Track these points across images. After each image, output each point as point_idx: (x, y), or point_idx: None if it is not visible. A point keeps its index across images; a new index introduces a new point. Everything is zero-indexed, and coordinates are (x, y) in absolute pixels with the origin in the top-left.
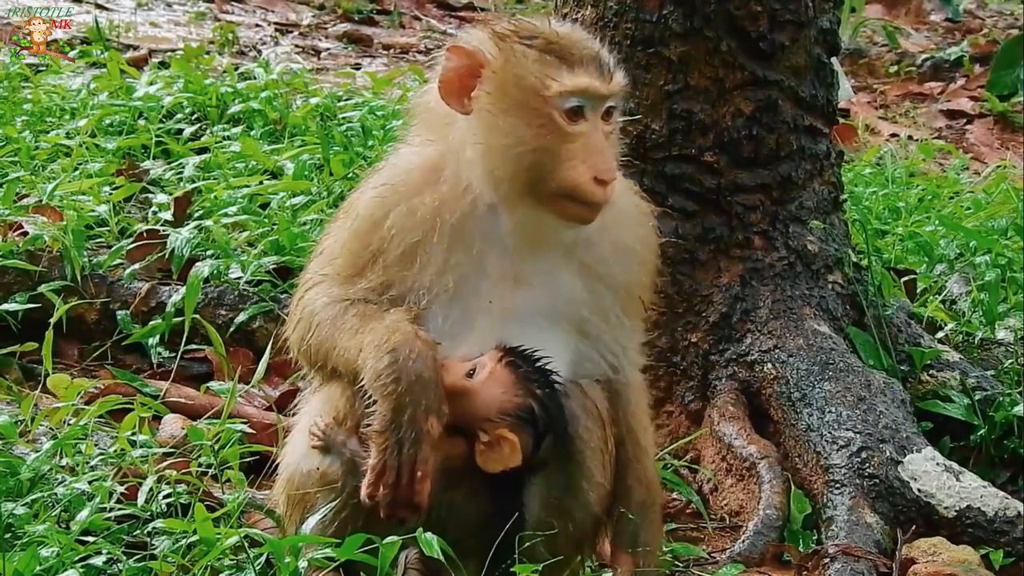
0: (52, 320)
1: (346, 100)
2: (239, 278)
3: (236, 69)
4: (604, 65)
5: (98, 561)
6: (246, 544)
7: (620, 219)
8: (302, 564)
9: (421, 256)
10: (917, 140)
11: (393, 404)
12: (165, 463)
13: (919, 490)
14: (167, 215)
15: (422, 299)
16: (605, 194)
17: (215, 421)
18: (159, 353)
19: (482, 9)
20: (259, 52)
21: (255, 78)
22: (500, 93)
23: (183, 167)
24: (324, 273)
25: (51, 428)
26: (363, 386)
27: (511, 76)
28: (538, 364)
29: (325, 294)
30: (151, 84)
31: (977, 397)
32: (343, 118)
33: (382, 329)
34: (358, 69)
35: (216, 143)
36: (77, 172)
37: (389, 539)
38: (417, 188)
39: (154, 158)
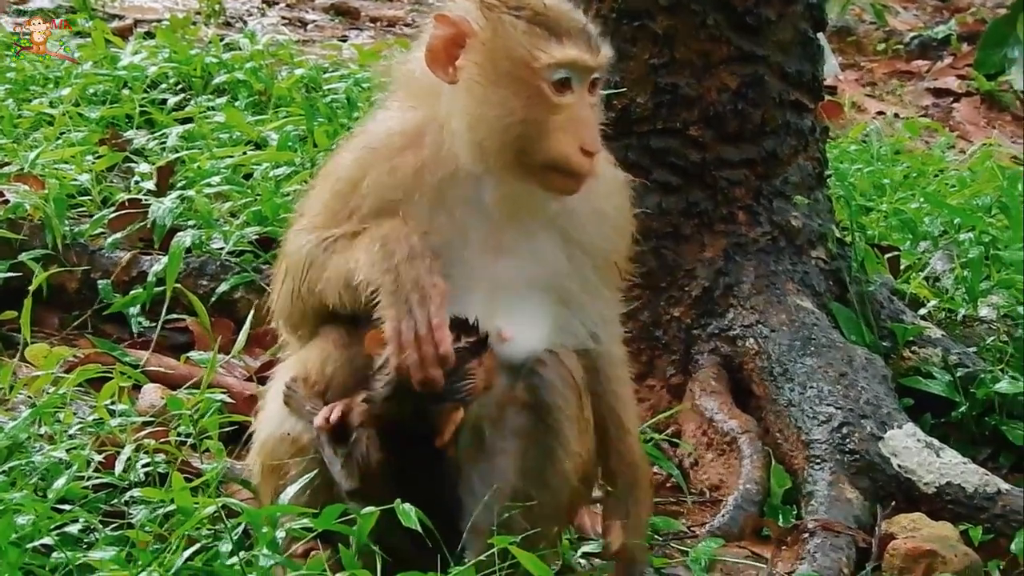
0: (32, 288)
1: (332, 72)
2: (221, 248)
3: (222, 40)
4: (592, 37)
5: (74, 529)
6: (223, 514)
7: (599, 188)
8: (280, 534)
9: (403, 214)
10: (903, 118)
11: (392, 277)
12: (144, 432)
13: (899, 466)
14: (150, 185)
15: None
16: (591, 165)
17: (195, 391)
18: (140, 323)
19: None
20: (245, 23)
21: (240, 49)
22: (487, 64)
23: (166, 137)
24: (300, 229)
25: (30, 396)
26: (359, 287)
27: (499, 47)
28: (476, 344)
29: (307, 239)
30: (136, 54)
31: (959, 374)
32: (328, 90)
33: (372, 231)
34: (344, 41)
35: (200, 113)
36: (60, 141)
37: (367, 509)
38: (398, 150)
39: (138, 128)
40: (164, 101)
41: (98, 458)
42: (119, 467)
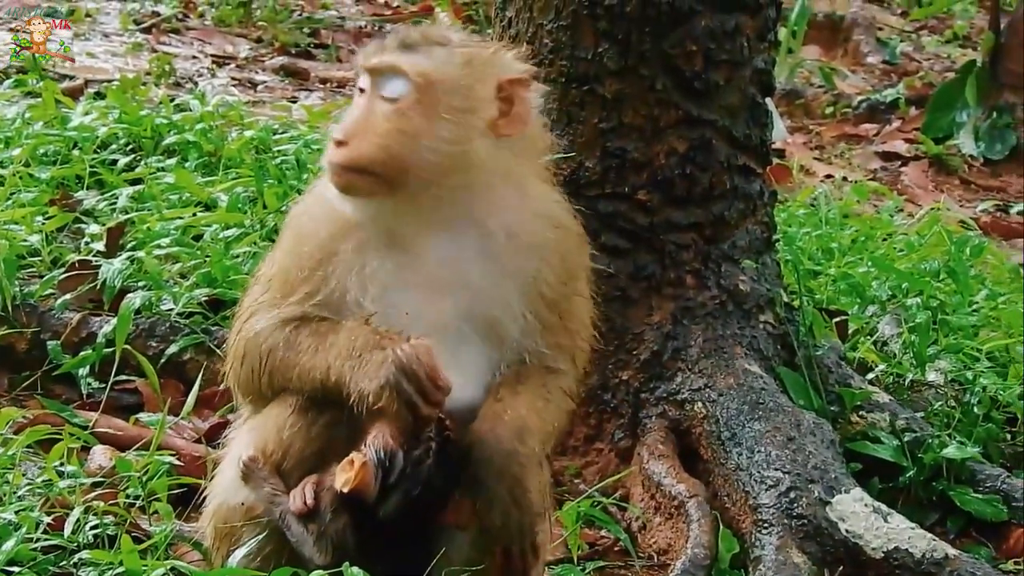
0: None
1: (282, 133)
2: (171, 310)
3: (172, 100)
4: (383, 44)
5: None
6: None
7: (534, 223)
8: None
9: (339, 257)
10: (852, 181)
11: (375, 369)
12: (93, 494)
13: (847, 531)
14: (99, 246)
15: (356, 301)
16: (337, 153)
17: (144, 452)
18: (89, 384)
19: None
20: (195, 84)
21: (191, 110)
22: None
23: (117, 198)
24: (260, 301)
25: None
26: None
27: None
28: (443, 439)
29: (264, 319)
30: (86, 114)
31: (906, 439)
32: (278, 151)
33: (342, 338)
34: (294, 102)
35: (150, 174)
36: (10, 201)
37: (315, 573)
38: (328, 197)
39: (88, 188)
40: (114, 162)
41: (47, 520)
42: (68, 529)
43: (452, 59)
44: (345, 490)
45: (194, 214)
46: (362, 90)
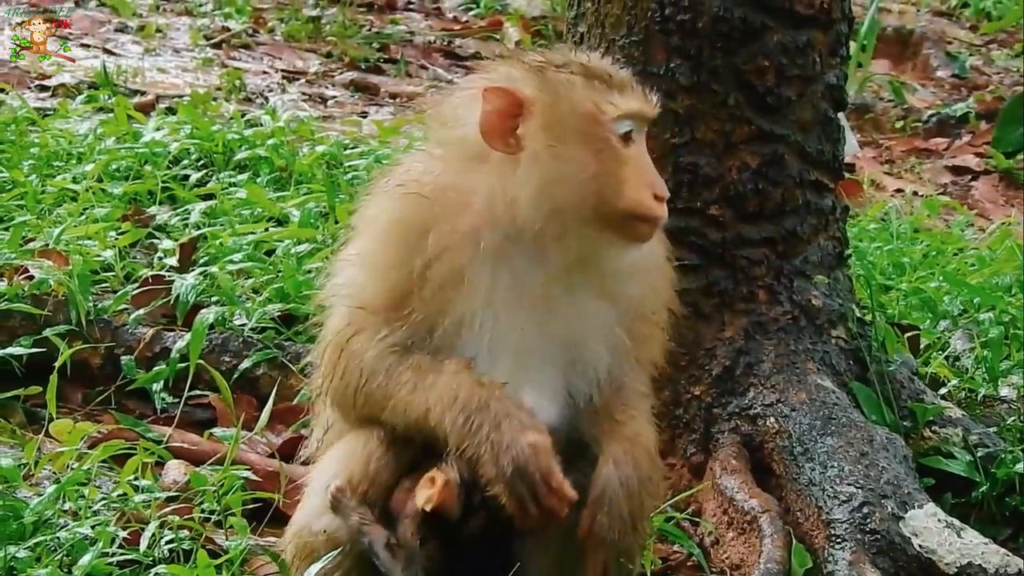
0: (56, 364)
1: (352, 148)
2: (243, 325)
3: (243, 116)
4: (643, 88)
5: None
6: None
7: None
8: None
9: (469, 280)
10: (922, 196)
11: (487, 448)
12: (168, 509)
13: (920, 546)
14: (172, 261)
15: (472, 330)
16: (663, 209)
17: (218, 467)
18: (163, 399)
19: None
20: (266, 99)
21: (262, 125)
22: (555, 124)
23: (189, 213)
24: (364, 314)
25: (54, 472)
26: (443, 441)
27: (563, 106)
28: None
29: (370, 340)
30: (158, 130)
31: (979, 454)
32: (349, 166)
33: (445, 385)
34: (364, 117)
35: (222, 190)
36: (83, 217)
37: None
38: (456, 207)
39: (160, 204)
40: (186, 177)
41: (123, 534)
42: (144, 544)
43: None
44: (427, 508)
45: (266, 229)
46: (630, 135)
